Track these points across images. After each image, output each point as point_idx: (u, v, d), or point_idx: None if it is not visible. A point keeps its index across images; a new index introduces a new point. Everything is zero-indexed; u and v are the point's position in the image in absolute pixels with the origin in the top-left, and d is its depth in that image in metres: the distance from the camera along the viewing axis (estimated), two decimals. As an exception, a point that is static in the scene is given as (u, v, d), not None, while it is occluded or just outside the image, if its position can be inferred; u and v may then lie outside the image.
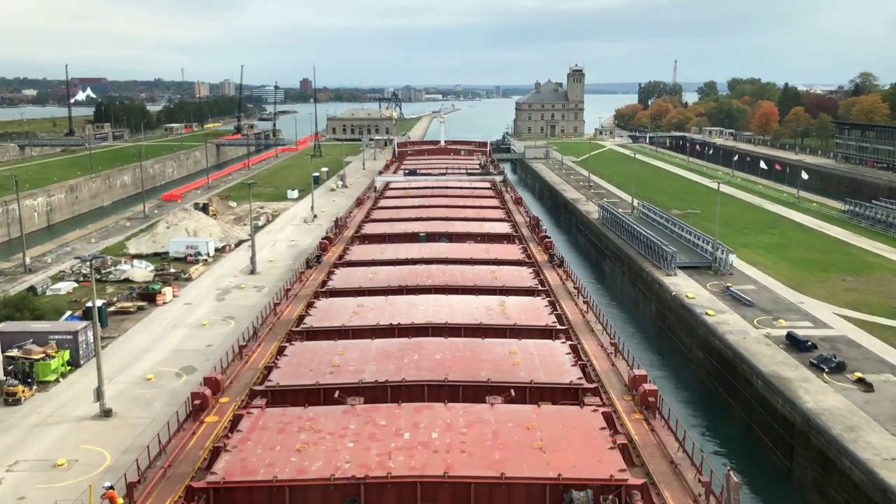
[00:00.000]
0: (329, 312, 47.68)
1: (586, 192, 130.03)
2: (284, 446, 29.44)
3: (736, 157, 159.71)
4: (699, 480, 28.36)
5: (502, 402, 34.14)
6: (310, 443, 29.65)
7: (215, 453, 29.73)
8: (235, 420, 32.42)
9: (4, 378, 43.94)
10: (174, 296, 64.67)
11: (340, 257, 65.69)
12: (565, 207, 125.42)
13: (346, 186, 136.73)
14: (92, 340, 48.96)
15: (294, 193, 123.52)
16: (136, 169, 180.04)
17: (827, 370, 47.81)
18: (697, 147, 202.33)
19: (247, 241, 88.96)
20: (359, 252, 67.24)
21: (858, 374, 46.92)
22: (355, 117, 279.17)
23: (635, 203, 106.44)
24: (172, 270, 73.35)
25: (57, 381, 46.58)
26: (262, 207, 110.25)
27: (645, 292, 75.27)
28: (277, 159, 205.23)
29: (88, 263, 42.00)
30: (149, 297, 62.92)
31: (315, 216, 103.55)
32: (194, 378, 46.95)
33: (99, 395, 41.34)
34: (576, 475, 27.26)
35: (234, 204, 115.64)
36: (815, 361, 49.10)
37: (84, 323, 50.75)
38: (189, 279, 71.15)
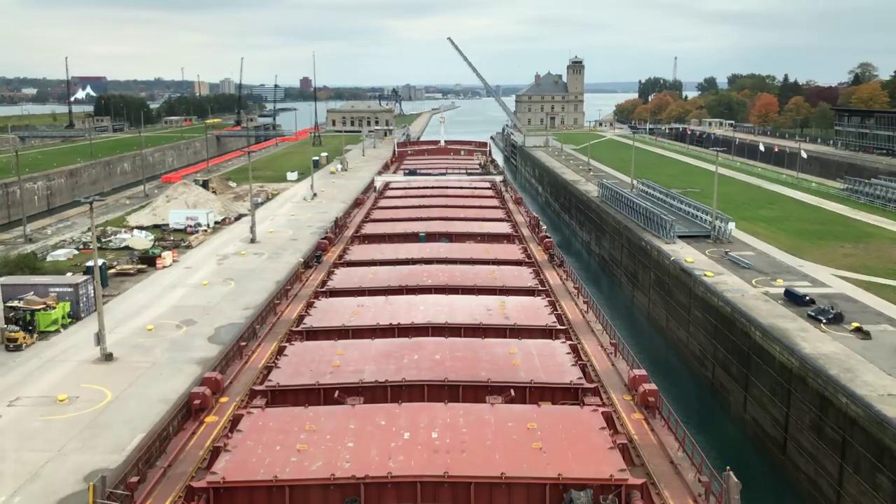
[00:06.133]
0: (329, 312, 47.65)
1: (585, 175, 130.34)
2: (284, 446, 29.41)
3: (737, 142, 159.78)
4: (699, 480, 28.37)
5: (502, 402, 34.13)
6: (310, 443, 29.61)
7: (215, 453, 29.74)
8: (235, 420, 32.38)
9: (5, 325, 44.13)
10: (174, 260, 64.84)
11: (340, 257, 65.68)
12: (565, 189, 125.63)
13: (346, 170, 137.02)
14: (92, 294, 49.17)
15: (294, 175, 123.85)
16: (137, 157, 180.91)
17: (825, 321, 48.00)
18: (697, 134, 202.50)
19: (246, 215, 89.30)
20: (359, 252, 67.24)
21: (856, 324, 47.12)
22: (355, 109, 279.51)
23: (635, 182, 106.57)
24: (172, 238, 73.57)
25: (57, 331, 46.72)
26: (262, 187, 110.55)
27: (644, 262, 75.45)
28: (277, 148, 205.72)
29: (89, 206, 42.06)
30: (149, 260, 63.13)
31: (315, 194, 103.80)
32: (194, 329, 47.20)
33: (99, 339, 41.52)
34: (576, 475, 27.22)
35: (233, 184, 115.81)
36: (812, 314, 49.31)
37: (85, 277, 50.94)
38: (189, 247, 71.35)
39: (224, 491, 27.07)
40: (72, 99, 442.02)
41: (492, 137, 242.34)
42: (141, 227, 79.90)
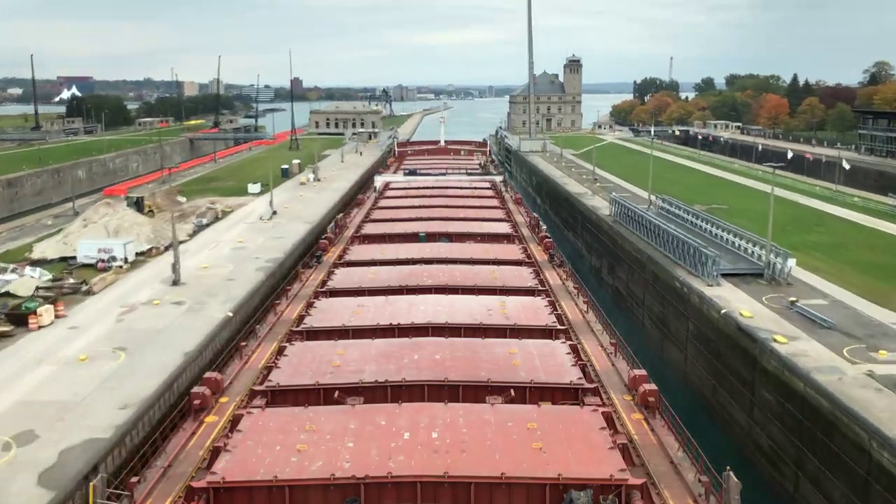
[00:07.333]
0: (329, 312, 47.25)
1: (591, 186, 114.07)
2: (284, 446, 29.17)
3: (759, 148, 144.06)
4: (699, 480, 28.10)
5: (502, 402, 33.79)
6: (310, 443, 29.40)
7: (215, 453, 29.36)
8: (235, 420, 32.00)
9: None
10: (57, 316, 48.17)
11: (340, 257, 65.02)
12: (567, 202, 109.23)
13: (319, 180, 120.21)
14: None
15: (255, 188, 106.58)
16: (94, 163, 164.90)
17: None
18: (710, 138, 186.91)
19: (185, 241, 73.01)
20: (359, 252, 66.74)
21: None
22: (339, 110, 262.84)
23: (653, 198, 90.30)
24: (72, 281, 56.78)
25: None
26: (212, 203, 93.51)
27: (678, 306, 59.33)
28: (251, 152, 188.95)
29: None
30: (19, 318, 46.56)
31: (274, 213, 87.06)
32: (27, 454, 30.60)
33: None
34: (576, 475, 27.00)
35: (183, 199, 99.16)
36: (961, 420, 33.25)
37: None
38: (89, 292, 54.69)
39: (224, 491, 26.87)
40: (56, 99, 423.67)
41: (484, 140, 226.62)
42: (42, 261, 63.39)
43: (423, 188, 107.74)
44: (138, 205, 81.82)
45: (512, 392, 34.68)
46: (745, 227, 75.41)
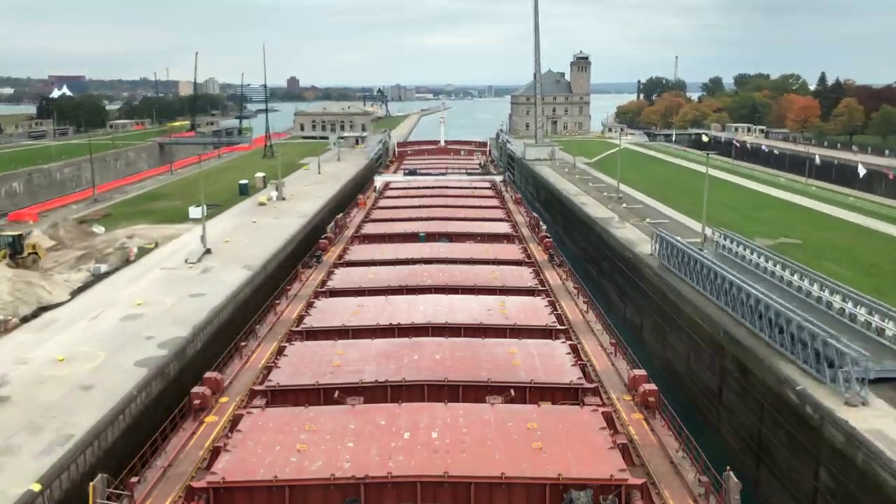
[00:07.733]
0: (329, 312, 46.62)
1: (617, 207, 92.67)
2: (284, 446, 28.77)
3: (817, 162, 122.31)
4: (699, 480, 27.94)
5: (502, 402, 33.41)
6: (310, 443, 29.05)
7: (215, 453, 28.93)
8: (235, 420, 31.41)
9: None
10: None
11: (340, 257, 64.75)
12: (587, 228, 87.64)
13: (284, 199, 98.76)
14: None
15: (197, 212, 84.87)
16: (34, 174, 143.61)
17: None
18: (749, 146, 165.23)
19: (61, 304, 52.12)
20: (359, 252, 66.71)
21: None
22: (326, 112, 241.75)
23: (709, 232, 68.38)
24: None
25: None
26: (130, 237, 71.97)
27: (793, 432, 37.98)
28: (220, 160, 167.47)
29: None
30: None
31: (207, 251, 65.55)
32: None
33: None
34: (576, 475, 26.67)
35: (100, 229, 77.76)
36: None
37: None
38: None
39: (224, 491, 26.66)
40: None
41: (484, 141, 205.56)
42: None
43: (423, 188, 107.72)
44: (14, 246, 60.22)
45: (512, 392, 34.59)
46: (835, 274, 55.08)
